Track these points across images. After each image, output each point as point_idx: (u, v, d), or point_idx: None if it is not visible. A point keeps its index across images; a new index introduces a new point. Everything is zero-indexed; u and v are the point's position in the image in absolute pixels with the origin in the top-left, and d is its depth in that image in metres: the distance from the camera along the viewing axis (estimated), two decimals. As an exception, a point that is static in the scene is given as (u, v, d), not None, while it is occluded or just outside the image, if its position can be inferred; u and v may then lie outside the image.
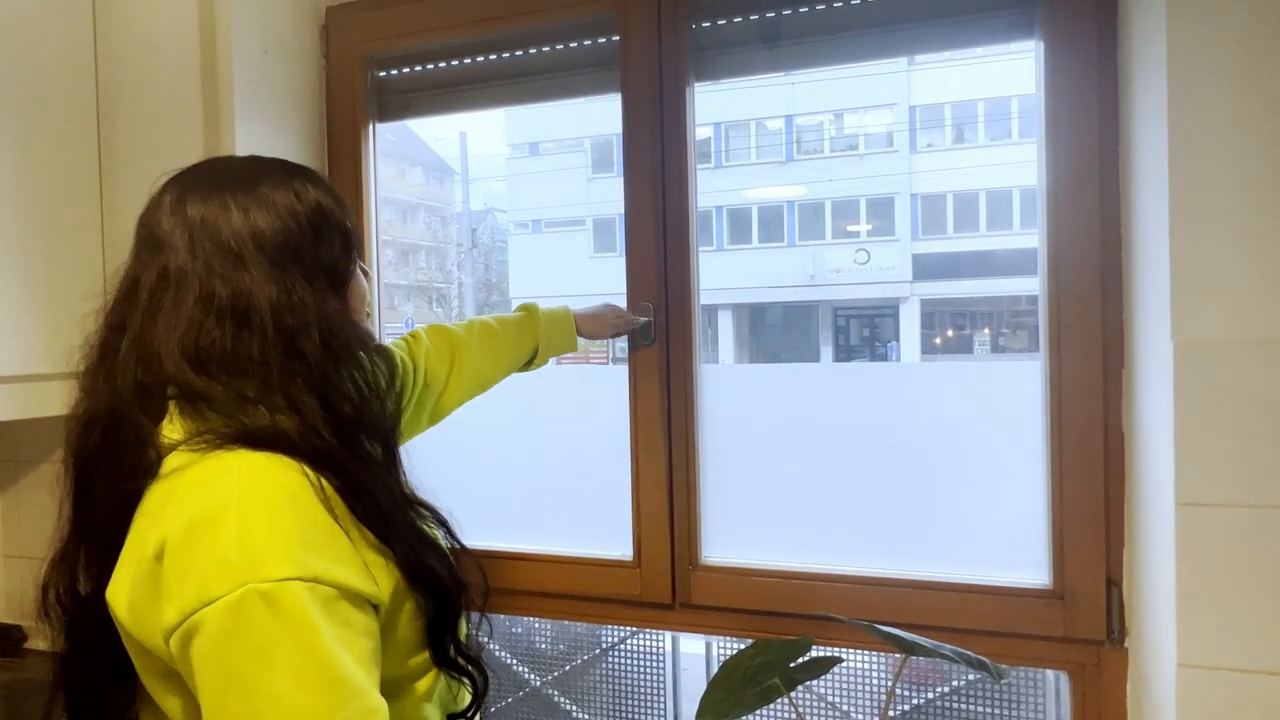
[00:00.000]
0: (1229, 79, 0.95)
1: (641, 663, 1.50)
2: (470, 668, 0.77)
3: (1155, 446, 1.03)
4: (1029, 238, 1.20)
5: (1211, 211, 0.96)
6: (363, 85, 1.54)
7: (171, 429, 0.69)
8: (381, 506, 0.70)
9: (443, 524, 0.79)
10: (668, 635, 1.49)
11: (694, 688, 1.45)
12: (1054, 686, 1.25)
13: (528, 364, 1.31)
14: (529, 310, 1.30)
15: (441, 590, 0.73)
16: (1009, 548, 1.21)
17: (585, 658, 1.54)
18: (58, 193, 1.39)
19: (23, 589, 1.59)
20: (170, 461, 0.67)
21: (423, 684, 0.75)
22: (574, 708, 1.55)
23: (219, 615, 0.59)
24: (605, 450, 1.41)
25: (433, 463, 0.84)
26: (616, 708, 1.51)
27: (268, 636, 0.59)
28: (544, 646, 1.58)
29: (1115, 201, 1.13)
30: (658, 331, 1.35)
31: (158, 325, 0.70)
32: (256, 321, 0.69)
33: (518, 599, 1.45)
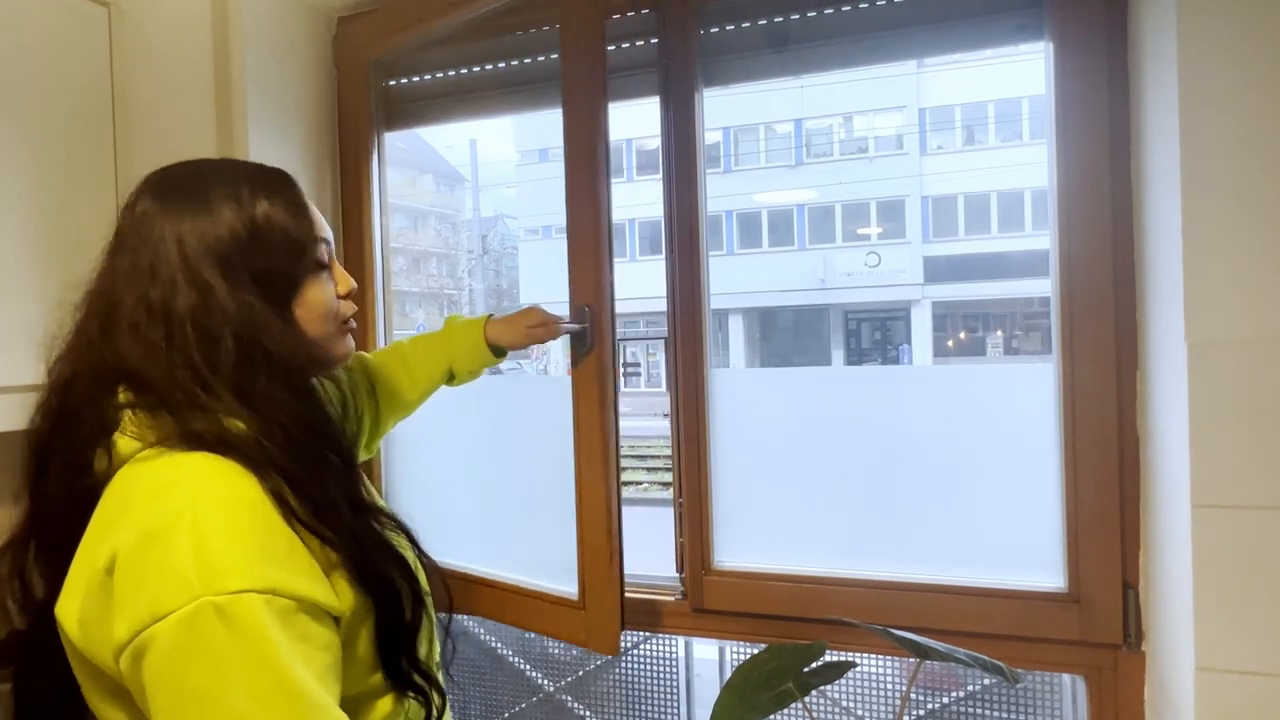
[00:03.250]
0: (1240, 76, 0.94)
1: (655, 668, 1.50)
2: (425, 685, 0.74)
3: (1170, 448, 1.03)
4: (1041, 239, 1.20)
5: (1224, 209, 0.95)
6: (373, 93, 1.55)
7: (121, 441, 0.68)
8: (327, 511, 0.68)
9: (406, 534, 0.77)
10: (681, 640, 1.49)
11: (707, 693, 1.44)
12: (1070, 690, 1.24)
13: (452, 378, 1.20)
14: (448, 323, 1.19)
15: (396, 600, 0.71)
16: (1023, 551, 1.21)
17: (598, 663, 1.54)
18: (73, 204, 1.41)
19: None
20: (124, 463, 0.67)
21: (384, 703, 0.72)
22: (587, 713, 1.55)
23: (172, 630, 0.57)
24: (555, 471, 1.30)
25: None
26: (630, 713, 1.51)
27: (223, 651, 0.57)
28: (557, 652, 1.58)
29: (1127, 201, 1.12)
30: (670, 336, 1.35)
31: (111, 330, 0.70)
32: (213, 332, 0.69)
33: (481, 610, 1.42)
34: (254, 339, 0.70)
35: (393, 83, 1.58)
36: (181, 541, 0.59)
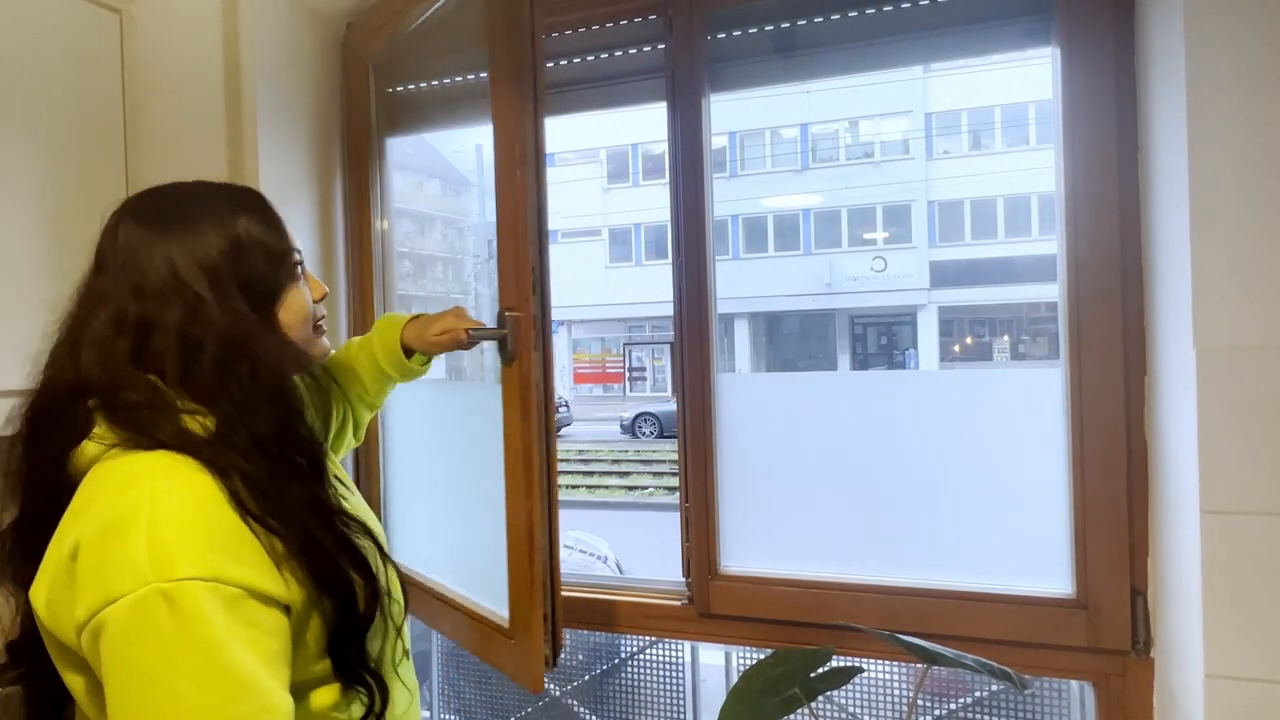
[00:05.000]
0: (1248, 81, 0.94)
1: (661, 673, 1.50)
2: (370, 680, 0.77)
3: (1178, 453, 1.02)
4: (1048, 244, 1.20)
5: (1232, 214, 0.95)
6: (377, 98, 1.56)
7: (98, 431, 0.72)
8: (283, 510, 0.71)
9: (371, 536, 0.80)
10: (687, 645, 1.49)
11: (713, 698, 1.44)
12: (1078, 697, 1.24)
13: (388, 380, 1.14)
14: (376, 322, 1.16)
15: (349, 598, 0.74)
16: (1031, 556, 1.20)
17: (604, 667, 1.54)
18: (84, 210, 1.42)
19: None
20: (93, 463, 0.72)
21: (328, 692, 0.75)
22: (593, 718, 1.55)
23: (122, 613, 0.62)
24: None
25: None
26: (636, 718, 1.51)
27: (167, 634, 0.62)
28: (563, 656, 1.58)
29: (1135, 206, 1.12)
30: (676, 340, 1.35)
31: (83, 341, 0.75)
32: (158, 336, 0.74)
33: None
34: (242, 345, 0.75)
35: (398, 88, 1.59)
36: (138, 532, 0.64)
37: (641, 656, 1.51)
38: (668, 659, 1.50)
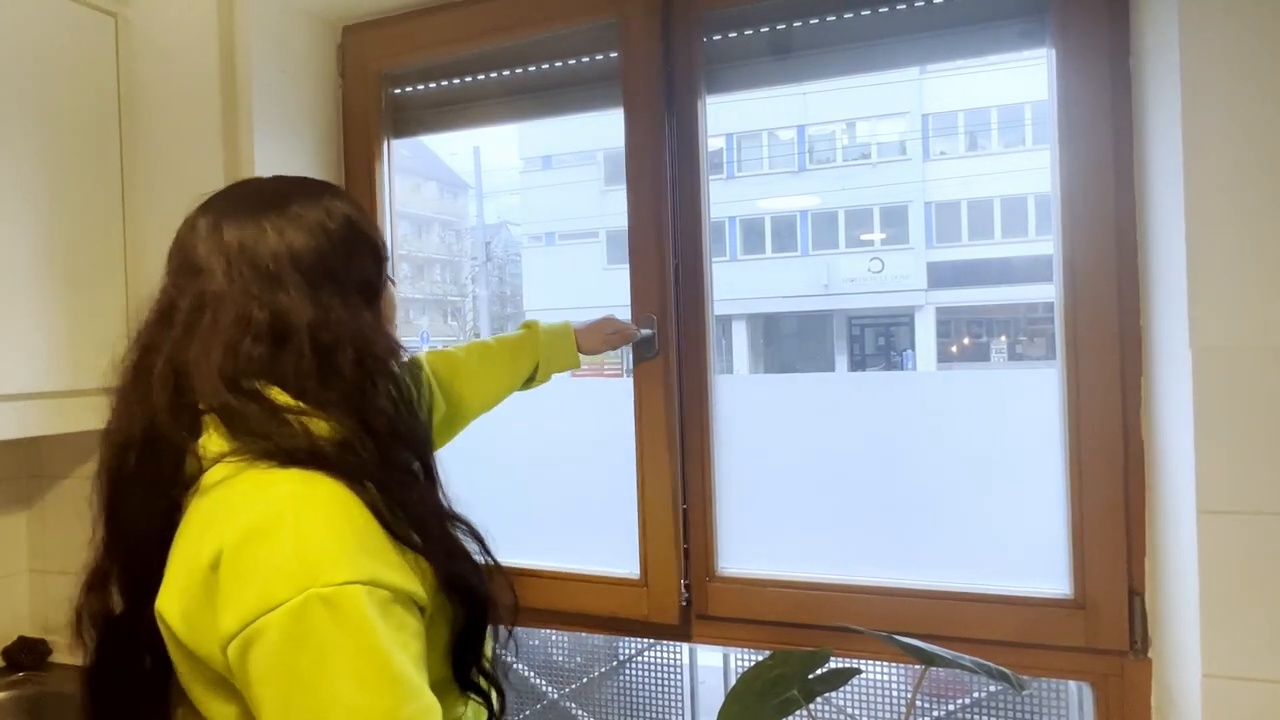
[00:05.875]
0: (1243, 82, 0.94)
1: (659, 675, 1.50)
2: (488, 686, 0.77)
3: (1175, 453, 1.02)
4: (1045, 244, 1.20)
5: (1228, 214, 0.95)
6: (378, 102, 1.56)
7: (210, 442, 0.70)
8: (418, 519, 0.70)
9: (477, 539, 0.79)
10: (685, 647, 1.48)
11: (712, 700, 1.44)
12: (1076, 698, 1.24)
13: (530, 381, 1.30)
14: (530, 327, 1.29)
15: (475, 603, 0.73)
16: (1029, 557, 1.20)
17: (602, 670, 1.54)
18: (81, 211, 1.42)
19: (48, 603, 1.61)
20: (213, 474, 0.68)
21: (449, 699, 0.73)
22: (592, 720, 1.54)
23: (282, 620, 0.60)
24: (616, 465, 1.40)
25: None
26: (634, 720, 1.51)
27: (329, 639, 0.60)
28: (561, 659, 1.57)
29: (1130, 206, 1.12)
30: (667, 343, 1.35)
31: (194, 347, 0.71)
32: (294, 341, 0.71)
33: (525, 615, 1.43)
34: (367, 347, 0.74)
35: (398, 91, 1.59)
36: (285, 538, 0.62)
37: (639, 659, 1.51)
38: (666, 661, 1.49)
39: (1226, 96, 0.95)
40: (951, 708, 1.31)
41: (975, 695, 1.30)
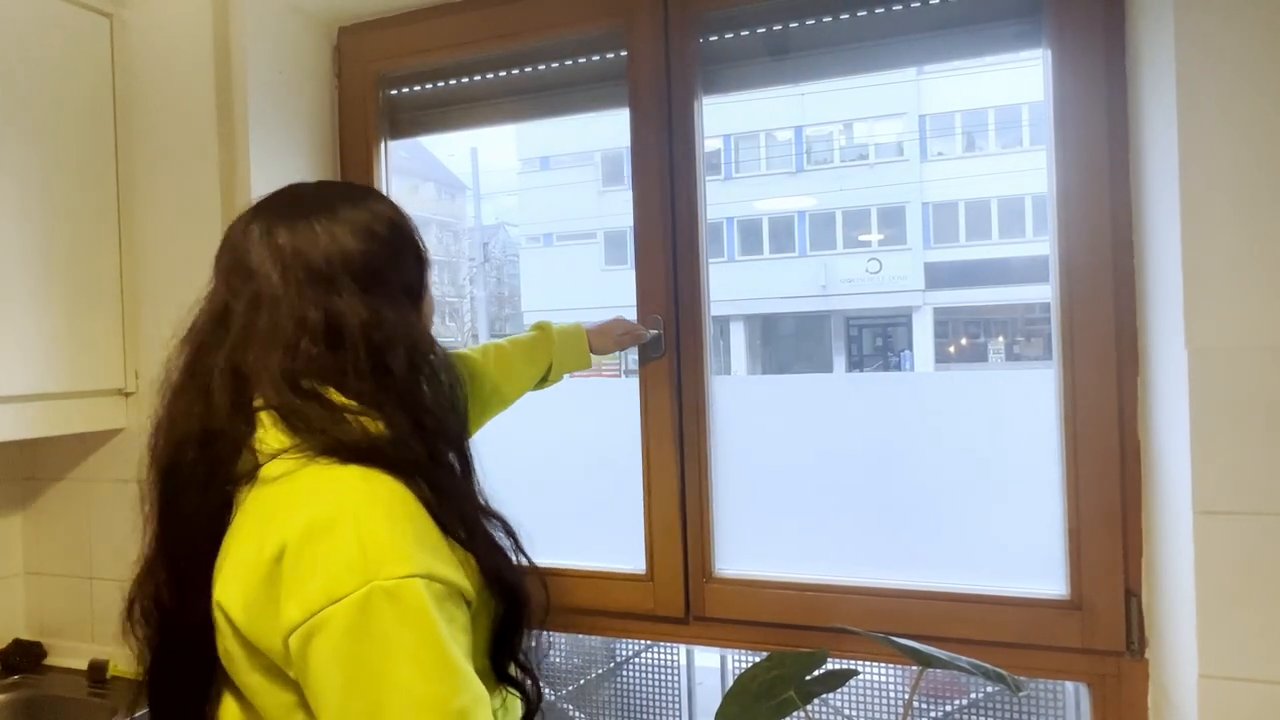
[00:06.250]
0: (1239, 82, 0.94)
1: (656, 676, 1.50)
2: (524, 679, 0.79)
3: (1171, 454, 1.02)
4: (1042, 245, 1.20)
5: (1224, 215, 0.95)
6: (374, 103, 1.56)
7: (268, 438, 0.72)
8: (464, 516, 0.73)
9: (511, 535, 0.80)
10: (682, 649, 1.48)
11: (709, 701, 1.44)
12: (1073, 699, 1.24)
13: (542, 381, 1.32)
14: (543, 328, 1.31)
15: (514, 599, 0.76)
16: (1025, 558, 1.20)
17: (600, 671, 1.53)
18: (77, 212, 1.42)
19: (43, 606, 1.61)
20: (273, 468, 0.70)
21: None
22: (589, 722, 1.54)
23: (346, 611, 0.62)
24: (617, 463, 1.41)
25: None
26: (631, 722, 1.51)
27: (392, 630, 0.63)
28: (558, 660, 1.57)
29: (1126, 207, 1.12)
30: (669, 344, 1.35)
31: (254, 348, 0.73)
32: (349, 342, 0.73)
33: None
34: (414, 346, 0.77)
35: (394, 92, 1.59)
36: (347, 532, 0.64)
37: (637, 660, 1.51)
38: (663, 663, 1.49)
39: (1222, 97, 0.95)
40: (949, 709, 1.31)
41: (972, 696, 1.30)
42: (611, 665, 1.53)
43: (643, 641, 1.49)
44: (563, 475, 1.52)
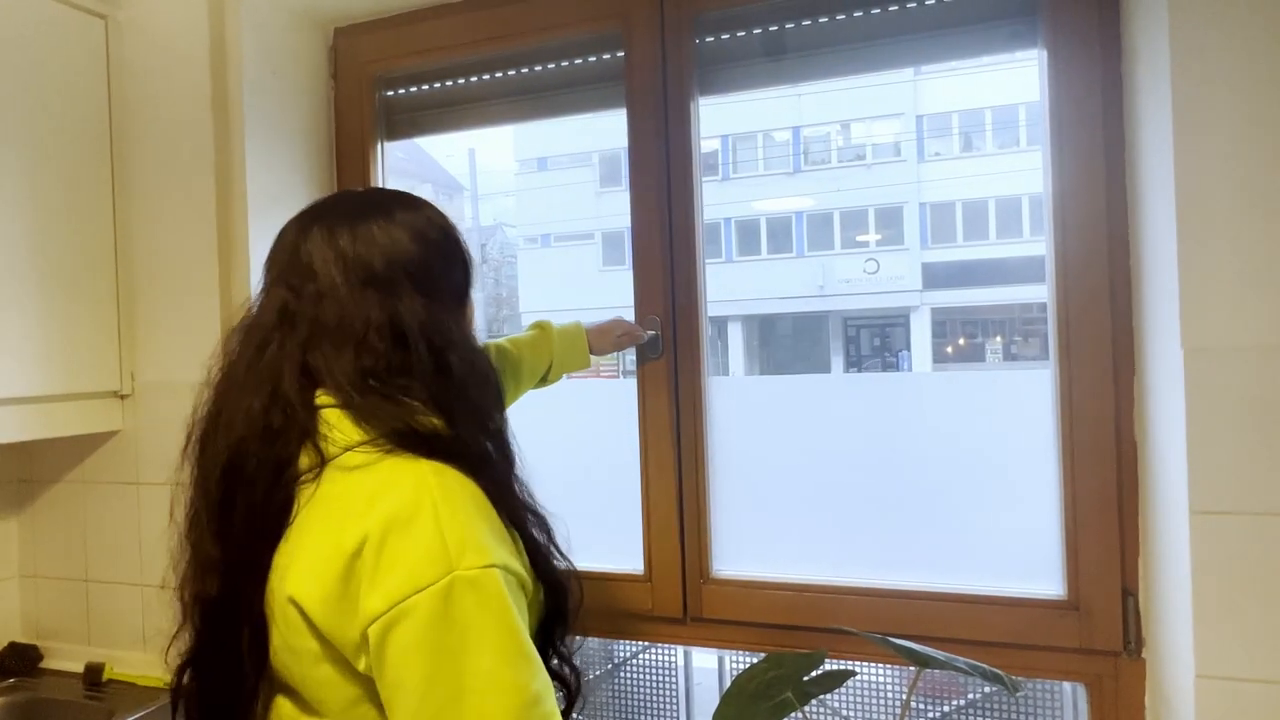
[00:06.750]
0: (1233, 82, 0.94)
1: (654, 677, 1.50)
2: (566, 671, 0.83)
3: (1168, 454, 1.02)
4: (1039, 245, 1.20)
5: (1219, 215, 0.95)
6: (371, 104, 1.56)
7: (336, 433, 0.73)
8: (517, 510, 0.77)
9: (547, 532, 0.82)
10: (680, 650, 1.48)
11: (706, 702, 1.44)
12: (1071, 699, 1.24)
13: (541, 381, 1.32)
14: (542, 328, 1.31)
15: (559, 592, 0.79)
16: (1023, 558, 1.21)
17: (598, 673, 1.53)
18: (72, 214, 1.41)
19: (39, 609, 1.60)
20: (350, 458, 0.72)
21: None
22: (587, 723, 1.54)
23: (429, 600, 0.65)
24: (615, 464, 1.41)
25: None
26: (629, 723, 1.50)
27: (473, 618, 0.65)
28: (555, 661, 1.57)
29: (1122, 207, 1.12)
30: (666, 344, 1.35)
31: (323, 346, 0.75)
32: (411, 342, 0.76)
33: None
34: (468, 347, 0.80)
35: (391, 93, 1.58)
36: (427, 525, 0.67)
37: (634, 662, 1.51)
38: (661, 664, 1.49)
39: (1217, 97, 0.95)
40: (946, 709, 1.31)
41: (970, 697, 1.30)
42: (609, 666, 1.53)
43: (640, 643, 1.48)
44: (561, 476, 1.52)
